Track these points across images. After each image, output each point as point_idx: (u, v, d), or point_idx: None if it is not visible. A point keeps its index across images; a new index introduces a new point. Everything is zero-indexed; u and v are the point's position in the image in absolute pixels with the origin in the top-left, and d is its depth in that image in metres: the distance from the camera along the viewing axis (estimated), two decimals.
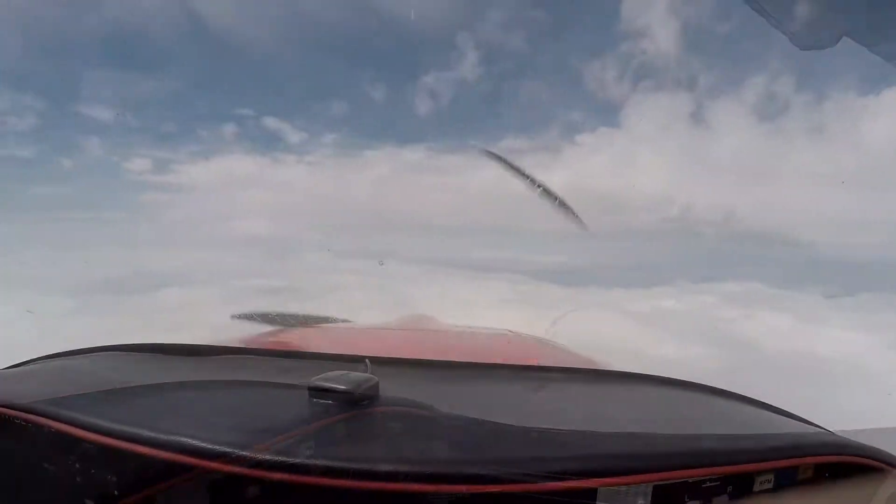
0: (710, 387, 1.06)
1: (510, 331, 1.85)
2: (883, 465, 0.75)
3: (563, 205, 1.67)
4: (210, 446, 0.60)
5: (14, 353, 1.21)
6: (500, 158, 1.68)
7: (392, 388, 0.81)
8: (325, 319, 1.86)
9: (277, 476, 0.56)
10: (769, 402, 1.01)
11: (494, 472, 0.55)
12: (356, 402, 0.73)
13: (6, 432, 0.90)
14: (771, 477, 0.70)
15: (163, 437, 0.64)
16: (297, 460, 0.56)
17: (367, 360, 0.96)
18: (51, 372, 1.12)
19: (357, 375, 0.77)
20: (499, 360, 1.11)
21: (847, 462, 0.74)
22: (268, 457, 0.57)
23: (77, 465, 0.82)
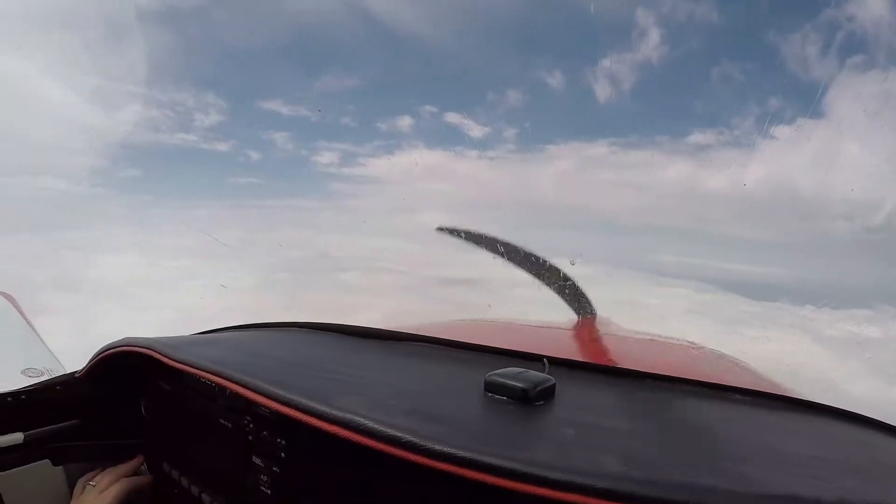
0: None
1: (692, 343, 1.74)
2: None
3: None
4: (382, 428, 0.61)
5: (206, 321, 1.38)
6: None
7: (568, 391, 0.80)
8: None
9: (441, 466, 0.56)
10: None
11: (674, 498, 0.49)
12: (531, 402, 0.73)
13: (193, 390, 1.07)
14: None
15: (337, 413, 0.66)
16: (466, 454, 0.55)
17: (545, 360, 0.95)
18: (237, 340, 1.22)
19: (534, 375, 0.77)
20: (679, 373, 1.05)
21: None
22: (437, 447, 0.57)
23: (251, 426, 0.93)
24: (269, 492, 0.90)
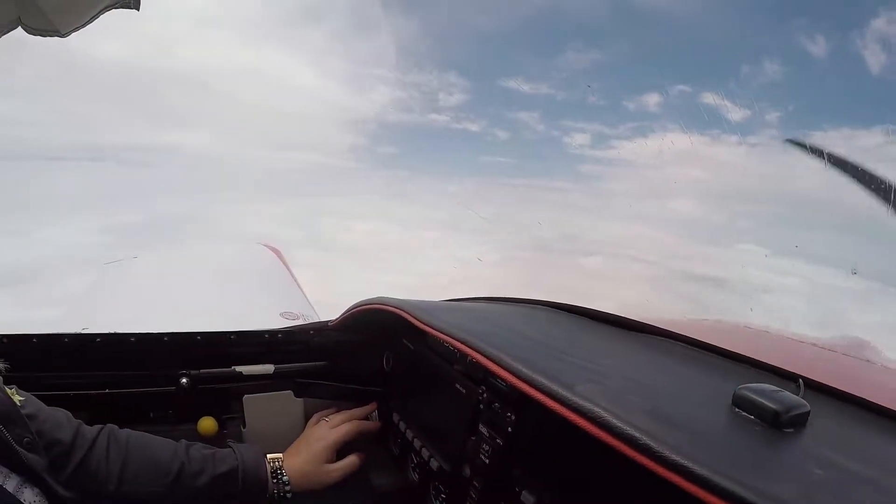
0: None
1: None
2: None
3: None
4: (621, 425, 0.59)
5: (444, 289, 1.45)
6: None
7: (822, 422, 0.70)
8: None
9: (674, 478, 0.52)
10: None
11: None
12: (780, 427, 0.65)
13: (435, 352, 1.15)
14: None
15: (577, 400, 0.65)
16: (705, 473, 0.50)
17: (800, 381, 0.85)
18: (483, 311, 1.27)
19: (788, 397, 0.69)
20: None
21: None
22: (674, 457, 0.53)
23: (484, 395, 0.97)
24: (487, 461, 0.94)
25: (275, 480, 1.05)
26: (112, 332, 1.22)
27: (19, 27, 0.91)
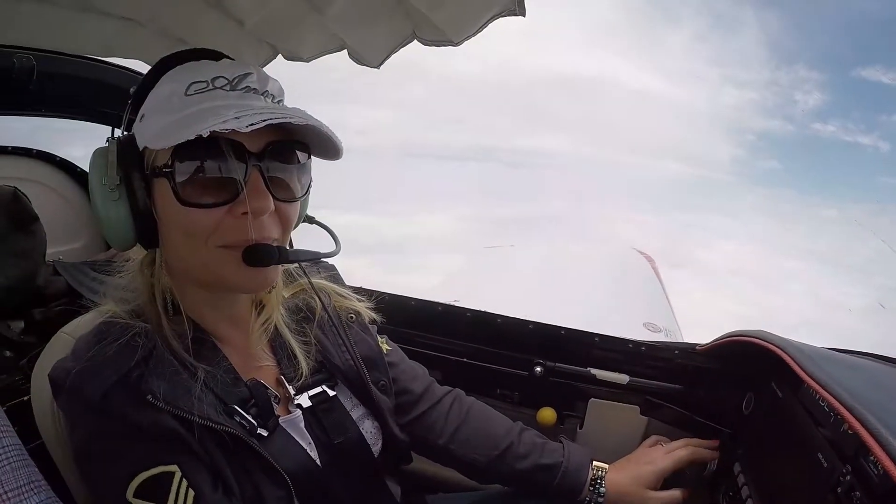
0: None
1: None
2: None
3: None
4: None
5: (787, 331, 1.13)
6: None
7: None
8: None
9: None
10: None
11: None
12: None
13: (805, 408, 0.92)
14: None
15: None
16: None
17: None
18: (881, 375, 1.04)
19: None
20: None
21: None
22: None
23: (847, 477, 0.74)
24: None
25: (591, 489, 1.04)
26: (481, 310, 1.39)
27: (415, 40, 1.04)
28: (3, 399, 1.13)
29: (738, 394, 1.22)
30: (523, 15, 0.87)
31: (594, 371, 1.32)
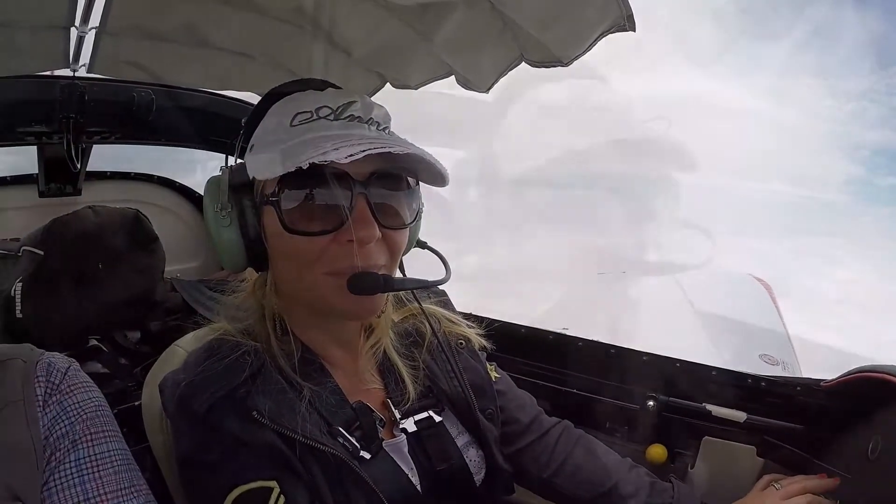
0: None
1: None
2: None
3: None
4: None
5: None
6: None
7: None
8: None
9: None
10: None
11: None
12: None
13: None
14: None
15: None
16: None
17: None
18: None
19: None
20: None
21: None
22: None
23: None
24: None
25: None
26: (593, 339, 1.35)
27: (523, 62, 1.03)
28: (114, 403, 1.22)
29: (865, 436, 1.08)
30: (633, 30, 0.84)
31: (710, 407, 1.23)
